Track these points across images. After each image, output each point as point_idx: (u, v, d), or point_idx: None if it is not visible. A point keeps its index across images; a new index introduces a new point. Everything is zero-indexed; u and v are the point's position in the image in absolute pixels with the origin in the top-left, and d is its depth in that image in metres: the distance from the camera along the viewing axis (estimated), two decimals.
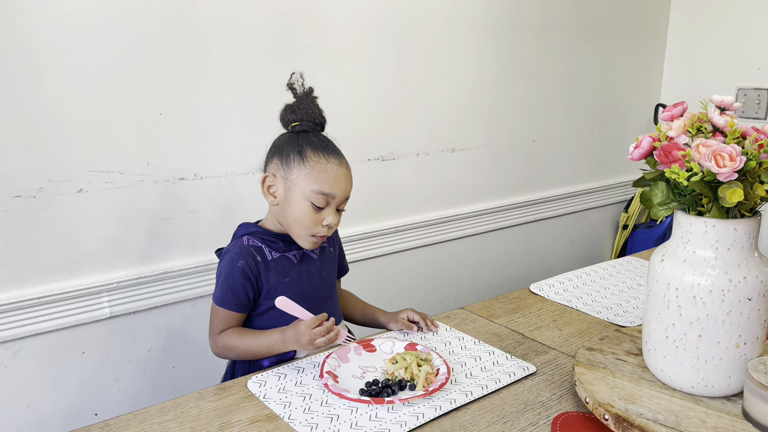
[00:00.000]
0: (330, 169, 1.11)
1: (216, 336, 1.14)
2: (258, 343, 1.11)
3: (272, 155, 1.15)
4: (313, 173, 1.10)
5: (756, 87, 2.29)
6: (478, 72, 1.99)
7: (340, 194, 1.12)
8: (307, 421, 0.91)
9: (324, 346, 1.05)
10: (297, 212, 1.11)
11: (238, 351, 1.13)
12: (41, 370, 1.36)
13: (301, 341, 1.05)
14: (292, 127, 1.14)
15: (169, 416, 0.94)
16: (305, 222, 1.11)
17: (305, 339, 1.04)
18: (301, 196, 1.10)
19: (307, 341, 1.04)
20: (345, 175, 1.13)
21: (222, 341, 1.13)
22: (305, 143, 1.12)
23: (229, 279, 1.12)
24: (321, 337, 1.04)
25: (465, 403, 0.96)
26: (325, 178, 1.10)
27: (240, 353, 1.13)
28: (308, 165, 1.10)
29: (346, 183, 1.13)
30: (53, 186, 1.29)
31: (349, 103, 1.72)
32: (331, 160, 1.11)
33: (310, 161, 1.10)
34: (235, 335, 1.13)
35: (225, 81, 1.48)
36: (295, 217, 1.11)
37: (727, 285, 0.85)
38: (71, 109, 1.29)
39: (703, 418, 0.84)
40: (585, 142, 2.40)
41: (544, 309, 1.35)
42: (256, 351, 1.12)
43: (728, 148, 0.80)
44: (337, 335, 1.07)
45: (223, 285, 1.13)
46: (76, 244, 1.35)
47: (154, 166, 1.41)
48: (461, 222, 2.07)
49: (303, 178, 1.10)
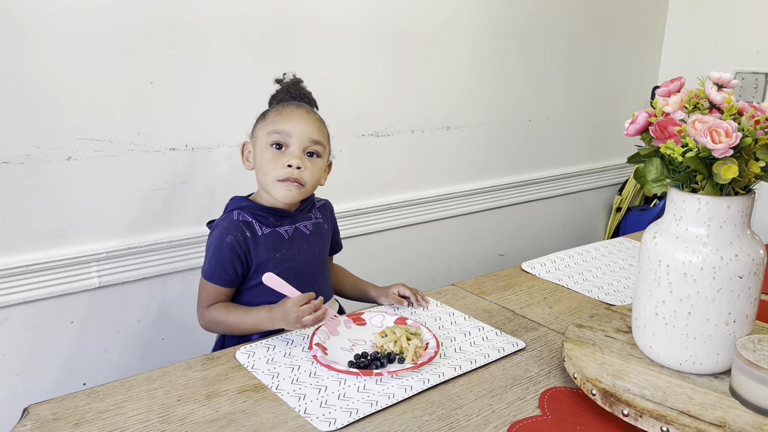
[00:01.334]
0: (285, 111, 1.12)
1: (204, 310, 1.14)
2: (245, 320, 1.10)
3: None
4: (269, 118, 1.12)
5: (754, 71, 2.28)
6: (475, 49, 1.97)
7: (297, 132, 1.11)
8: (295, 391, 0.91)
9: (311, 324, 1.04)
10: (261, 161, 1.12)
11: (225, 326, 1.12)
12: (29, 338, 1.35)
13: (288, 319, 1.04)
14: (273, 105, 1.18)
15: (156, 384, 0.93)
16: (268, 167, 1.11)
17: (292, 316, 1.03)
18: (263, 145, 1.12)
19: (294, 319, 1.03)
20: (302, 115, 1.12)
21: (209, 315, 1.13)
22: (272, 107, 1.16)
23: (217, 254, 1.11)
24: (308, 315, 1.03)
25: (453, 376, 0.96)
26: (279, 118, 1.11)
27: (227, 328, 1.13)
28: (267, 116, 1.13)
29: (304, 122, 1.12)
30: (41, 153, 1.28)
31: (344, 78, 1.70)
32: (289, 105, 1.14)
33: (269, 113, 1.14)
34: (222, 310, 1.12)
35: (218, 51, 1.46)
36: (260, 168, 1.12)
37: (719, 262, 0.84)
38: (60, 75, 1.27)
39: (690, 395, 0.85)
40: (581, 124, 2.39)
41: (535, 287, 1.35)
42: (243, 327, 1.11)
43: (724, 124, 0.80)
44: (325, 314, 1.06)
45: (212, 259, 1.12)
46: (65, 212, 1.33)
47: (144, 136, 1.39)
48: (455, 200, 2.06)
49: (262, 128, 1.13)
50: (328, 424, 0.83)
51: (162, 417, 0.85)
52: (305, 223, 1.19)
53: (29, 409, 0.86)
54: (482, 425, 0.84)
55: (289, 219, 1.17)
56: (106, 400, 0.89)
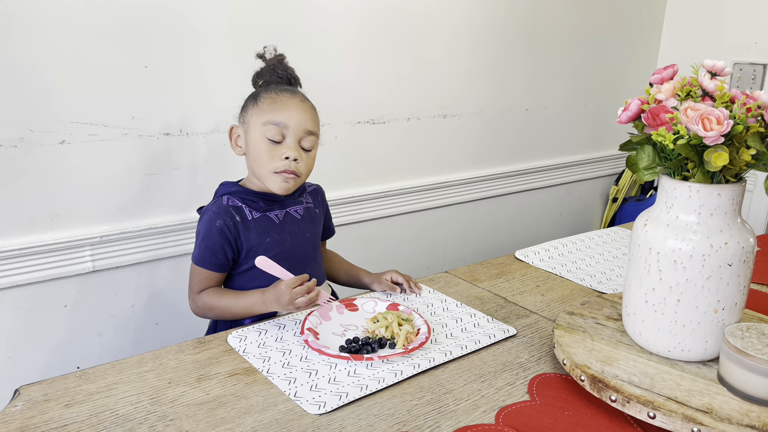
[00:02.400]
0: (280, 100, 1.11)
1: (195, 295, 1.14)
2: (238, 304, 1.10)
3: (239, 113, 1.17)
4: (263, 106, 1.10)
5: (752, 62, 2.28)
6: (473, 37, 1.96)
7: (293, 123, 1.10)
8: (286, 375, 0.92)
9: (305, 306, 1.04)
10: (255, 151, 1.11)
11: (217, 311, 1.12)
12: (22, 321, 1.35)
13: (281, 301, 1.04)
14: (259, 86, 1.16)
15: (148, 367, 0.94)
16: (263, 158, 1.10)
17: (285, 298, 1.03)
18: (257, 134, 1.10)
19: (287, 301, 1.03)
20: (298, 105, 1.11)
21: (201, 300, 1.13)
22: (262, 90, 1.13)
23: (207, 239, 1.11)
24: (301, 297, 1.03)
25: (444, 361, 0.97)
26: (274, 108, 1.10)
27: (219, 313, 1.13)
28: (259, 102, 1.11)
29: (300, 113, 1.11)
30: (35, 136, 1.27)
31: (339, 64, 1.69)
32: (282, 93, 1.12)
33: (261, 99, 1.11)
34: (214, 295, 1.12)
35: (213, 36, 1.45)
36: (254, 156, 1.12)
37: (708, 250, 0.85)
38: (53, 59, 1.26)
39: (678, 381, 0.85)
40: (578, 113, 2.39)
41: (528, 275, 1.35)
42: (236, 311, 1.11)
43: (716, 112, 0.80)
44: (318, 296, 1.06)
45: (201, 244, 1.12)
46: (58, 196, 1.33)
47: (138, 120, 1.39)
48: (450, 189, 2.06)
49: (254, 114, 1.11)
50: (317, 407, 0.84)
51: (152, 399, 0.85)
52: (296, 207, 1.19)
53: (20, 390, 0.86)
54: (471, 410, 0.85)
55: (279, 204, 1.17)
56: (97, 382, 0.89)
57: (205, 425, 0.80)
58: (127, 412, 0.82)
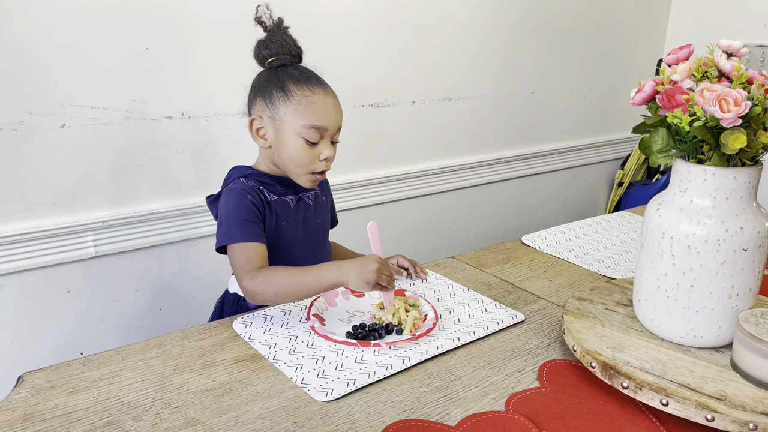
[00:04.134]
0: (317, 101, 1.06)
1: (254, 272, 1.01)
2: (308, 274, 1.00)
3: (254, 96, 1.10)
4: (301, 107, 1.05)
5: (761, 44, 2.24)
6: (479, 19, 1.93)
7: (332, 125, 1.08)
8: (292, 362, 0.90)
9: (382, 286, 0.99)
10: (292, 151, 1.07)
11: (279, 285, 1.00)
12: (25, 307, 1.34)
13: (366, 272, 0.97)
14: (269, 63, 1.09)
15: (152, 354, 0.92)
16: (302, 160, 1.07)
17: (373, 270, 0.97)
18: (293, 133, 1.06)
19: (373, 274, 0.97)
20: (333, 104, 1.09)
21: (262, 275, 1.01)
22: (286, 78, 1.07)
23: (243, 213, 1.05)
24: (386, 278, 0.98)
25: (452, 348, 0.95)
26: (314, 111, 1.06)
27: (282, 287, 1.00)
28: (294, 100, 1.06)
29: (335, 113, 1.09)
30: (35, 120, 1.25)
31: (343, 46, 1.66)
32: (316, 91, 1.07)
33: (295, 96, 1.06)
34: (279, 269, 1.02)
35: (214, 17, 1.43)
36: (290, 157, 1.08)
37: (723, 235, 0.83)
38: (53, 41, 1.24)
39: (690, 368, 0.84)
40: (584, 96, 2.36)
41: (535, 260, 1.34)
42: (303, 282, 1.00)
43: (733, 93, 0.77)
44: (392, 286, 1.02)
45: (238, 221, 1.04)
46: (60, 180, 1.31)
47: (140, 104, 1.37)
48: (455, 173, 2.04)
49: (291, 114, 1.06)
50: (325, 394, 0.83)
51: (158, 386, 0.84)
52: (308, 193, 1.17)
53: (24, 377, 0.85)
54: (480, 397, 0.84)
55: (293, 189, 1.15)
56: (101, 368, 0.88)
57: (211, 412, 0.79)
58: (133, 399, 0.81)
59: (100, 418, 0.77)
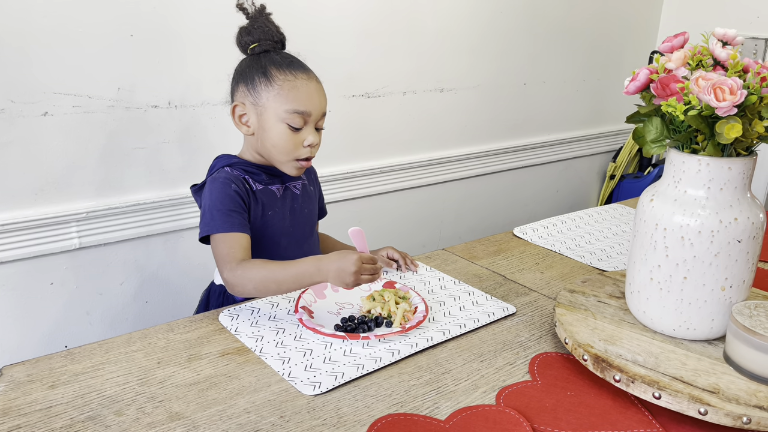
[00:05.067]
0: (300, 85, 1.04)
1: (235, 264, 0.99)
2: (287, 270, 0.97)
3: (237, 82, 1.08)
4: (283, 92, 1.04)
5: (753, 36, 2.24)
6: (471, 8, 1.91)
7: (315, 110, 1.06)
8: (279, 355, 0.89)
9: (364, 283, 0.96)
10: (274, 137, 1.05)
11: (258, 280, 0.98)
12: (7, 300, 1.31)
13: (345, 271, 0.94)
14: (251, 49, 1.07)
15: (136, 347, 0.90)
16: (285, 146, 1.05)
17: (352, 270, 0.94)
18: (276, 119, 1.04)
19: (353, 273, 0.94)
20: (317, 89, 1.07)
21: (242, 269, 0.98)
22: (268, 63, 1.05)
23: (226, 203, 1.03)
24: (367, 275, 0.95)
25: (442, 340, 0.94)
26: (297, 96, 1.04)
27: (260, 283, 0.98)
28: (276, 85, 1.04)
29: (319, 98, 1.07)
30: (16, 107, 1.22)
31: (334, 36, 1.64)
32: (299, 75, 1.05)
33: (278, 80, 1.04)
34: (259, 263, 0.99)
35: (200, 3, 1.40)
36: (273, 143, 1.06)
37: (717, 226, 0.82)
38: (34, 25, 1.21)
39: (683, 360, 0.83)
40: (576, 88, 2.35)
41: (526, 252, 1.32)
42: (282, 278, 0.97)
43: (729, 81, 0.76)
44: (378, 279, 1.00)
45: (221, 211, 1.02)
46: (42, 170, 1.29)
47: (125, 92, 1.34)
48: (446, 165, 2.02)
49: (273, 99, 1.04)
50: (312, 387, 0.81)
51: (141, 379, 0.82)
52: (295, 183, 1.15)
53: (3, 371, 0.83)
54: (471, 390, 0.82)
55: (279, 178, 1.13)
56: (83, 362, 0.86)
57: (195, 406, 0.77)
58: (115, 393, 0.79)
59: (81, 413, 0.75)
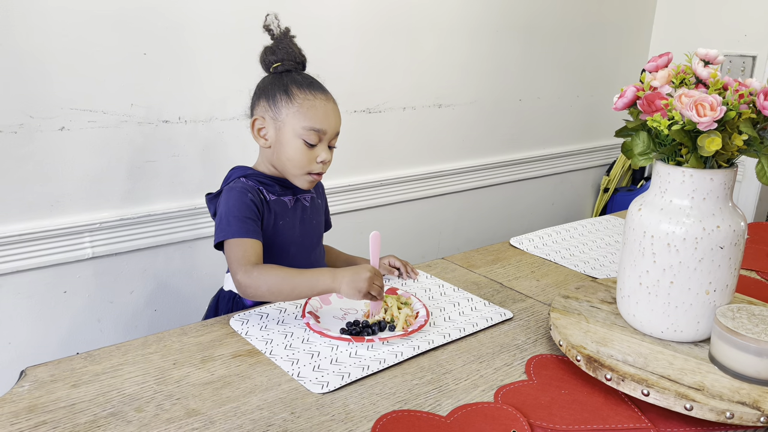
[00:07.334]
0: (318, 105, 1.11)
1: (250, 267, 1.03)
2: (302, 276, 1.02)
3: (258, 98, 1.14)
4: (302, 110, 1.10)
5: (741, 54, 2.31)
6: (469, 27, 1.98)
7: (330, 129, 1.13)
8: (288, 356, 0.93)
9: (372, 296, 1.02)
10: (290, 151, 1.11)
11: (273, 282, 1.02)
12: (22, 307, 1.36)
13: (358, 281, 1.00)
14: (274, 68, 1.14)
15: (152, 349, 0.95)
16: (300, 160, 1.12)
17: (365, 279, 1.00)
18: (293, 134, 1.11)
19: (365, 283, 1.00)
20: (333, 110, 1.14)
21: (257, 271, 1.02)
22: (290, 82, 1.12)
23: (243, 210, 1.08)
24: (377, 289, 1.02)
25: (443, 343, 0.99)
26: (315, 114, 1.10)
27: (275, 284, 1.02)
28: (296, 103, 1.10)
29: (335, 118, 1.14)
30: (35, 122, 1.28)
31: (336, 53, 1.70)
32: (318, 95, 1.12)
33: (298, 99, 1.10)
34: (275, 266, 1.04)
35: (210, 22, 1.46)
36: (289, 157, 1.12)
37: (701, 233, 0.87)
38: (53, 45, 1.27)
39: (670, 361, 0.88)
40: (571, 104, 2.41)
41: (523, 261, 1.38)
42: (296, 282, 1.02)
43: (709, 98, 0.82)
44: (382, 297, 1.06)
45: (237, 217, 1.07)
46: (58, 182, 1.34)
47: (137, 107, 1.40)
48: (445, 178, 2.08)
49: (292, 116, 1.10)
50: (321, 386, 0.86)
51: (158, 379, 0.87)
52: (305, 195, 1.21)
53: (27, 371, 0.88)
54: (470, 389, 0.87)
55: (291, 190, 1.18)
56: (102, 363, 0.90)
57: (211, 404, 0.82)
58: (134, 391, 0.84)
59: (104, 410, 0.80)
